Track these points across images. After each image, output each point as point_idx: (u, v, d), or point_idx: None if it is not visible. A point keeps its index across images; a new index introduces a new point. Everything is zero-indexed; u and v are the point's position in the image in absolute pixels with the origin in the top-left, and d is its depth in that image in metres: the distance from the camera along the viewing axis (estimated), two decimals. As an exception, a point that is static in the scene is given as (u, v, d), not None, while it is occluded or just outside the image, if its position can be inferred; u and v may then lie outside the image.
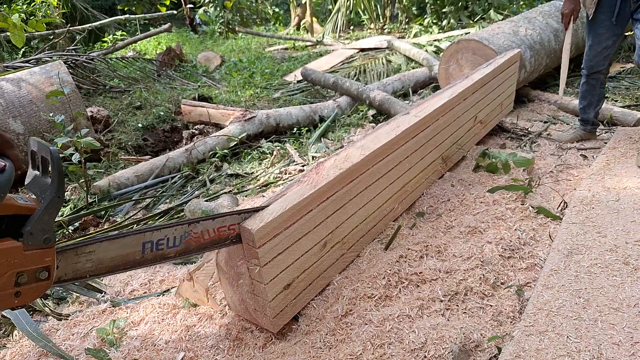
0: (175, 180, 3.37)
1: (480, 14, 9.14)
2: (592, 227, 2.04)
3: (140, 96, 5.42)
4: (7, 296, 1.03)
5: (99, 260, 1.23)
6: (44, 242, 1.04)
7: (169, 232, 1.35)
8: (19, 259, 1.01)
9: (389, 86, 5.01)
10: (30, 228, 1.02)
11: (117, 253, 1.26)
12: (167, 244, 1.35)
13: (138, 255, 1.30)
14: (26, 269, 1.03)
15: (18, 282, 1.03)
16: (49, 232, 1.05)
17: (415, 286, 1.84)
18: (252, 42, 10.50)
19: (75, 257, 1.19)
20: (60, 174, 1.02)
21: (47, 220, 1.03)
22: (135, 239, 1.29)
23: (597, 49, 2.96)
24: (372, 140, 2.12)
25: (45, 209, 1.02)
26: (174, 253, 1.39)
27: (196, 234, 1.41)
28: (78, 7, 9.46)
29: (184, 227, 1.38)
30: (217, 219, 1.45)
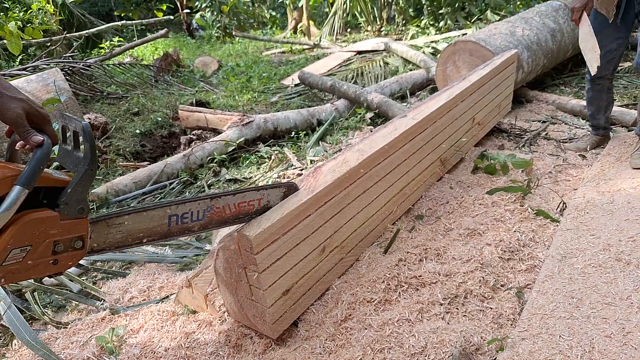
0: (173, 186, 3.37)
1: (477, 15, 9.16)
2: (586, 231, 2.03)
3: (138, 102, 5.42)
4: (45, 263, 1.08)
5: (128, 232, 1.28)
6: (78, 212, 1.09)
7: (192, 206, 1.40)
8: (55, 228, 1.06)
9: (387, 88, 5.01)
10: (66, 199, 1.06)
11: (146, 225, 1.31)
12: (191, 217, 1.41)
13: (164, 228, 1.36)
14: (62, 238, 1.09)
15: (55, 250, 1.08)
16: (83, 202, 1.09)
17: (415, 290, 1.83)
18: (249, 46, 10.52)
19: (106, 228, 1.24)
20: (93, 147, 1.06)
21: (81, 191, 1.08)
22: (162, 212, 1.34)
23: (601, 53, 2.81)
24: (369, 144, 2.12)
25: (79, 180, 1.07)
26: (198, 226, 1.44)
27: (218, 209, 1.46)
28: (75, 14, 9.48)
29: (206, 202, 1.43)
30: (238, 194, 1.51)
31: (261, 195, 1.58)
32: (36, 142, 1.04)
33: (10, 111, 1.03)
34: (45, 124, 1.09)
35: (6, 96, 1.03)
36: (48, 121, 1.11)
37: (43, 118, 1.09)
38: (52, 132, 1.10)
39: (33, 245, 1.04)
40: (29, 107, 1.06)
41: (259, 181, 3.34)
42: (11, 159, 1.15)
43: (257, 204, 1.57)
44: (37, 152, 1.03)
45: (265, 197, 1.60)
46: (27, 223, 1.02)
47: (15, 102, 1.04)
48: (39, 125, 1.08)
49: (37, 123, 1.08)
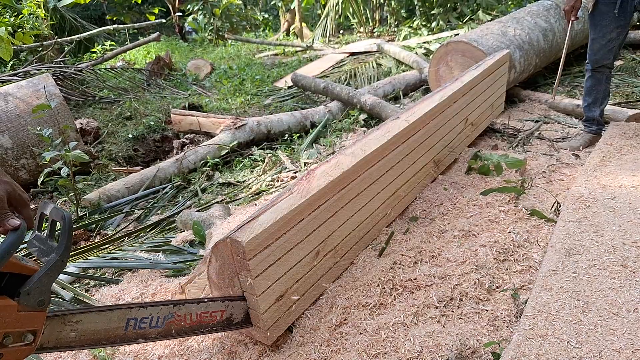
0: (166, 191, 3.34)
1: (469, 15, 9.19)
2: (589, 227, 2.02)
3: (130, 106, 5.39)
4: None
5: (82, 332, 1.22)
6: (38, 304, 1.03)
7: (154, 310, 1.36)
8: (10, 318, 0.99)
9: (380, 90, 5.01)
10: (29, 289, 1.01)
11: (102, 327, 1.25)
12: (150, 323, 1.35)
13: (120, 332, 1.30)
14: (14, 330, 1.01)
15: (3, 342, 1.00)
16: (46, 294, 1.04)
17: (410, 293, 1.82)
18: (242, 48, 10.49)
19: (61, 325, 1.17)
20: (69, 240, 1.04)
21: (46, 282, 1.03)
22: (121, 314, 1.29)
23: (601, 42, 2.89)
24: (362, 146, 2.10)
25: (47, 271, 1.02)
26: (155, 334, 1.38)
27: (179, 317, 1.41)
28: (67, 18, 9.42)
29: (168, 308, 1.39)
30: (202, 303, 1.46)
31: (224, 307, 1.53)
32: (12, 226, 1.01)
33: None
34: (23, 207, 1.07)
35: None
36: (27, 205, 1.08)
37: (23, 202, 1.07)
38: (29, 216, 1.07)
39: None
40: (12, 189, 1.05)
41: (253, 184, 3.32)
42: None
43: (219, 315, 1.52)
44: (10, 235, 0.99)
45: (228, 309, 1.54)
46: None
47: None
48: (17, 209, 1.06)
49: (16, 206, 1.06)
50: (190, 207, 3.08)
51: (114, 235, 2.74)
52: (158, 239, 2.65)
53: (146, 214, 3.07)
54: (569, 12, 2.96)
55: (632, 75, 4.66)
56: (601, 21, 2.83)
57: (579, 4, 2.93)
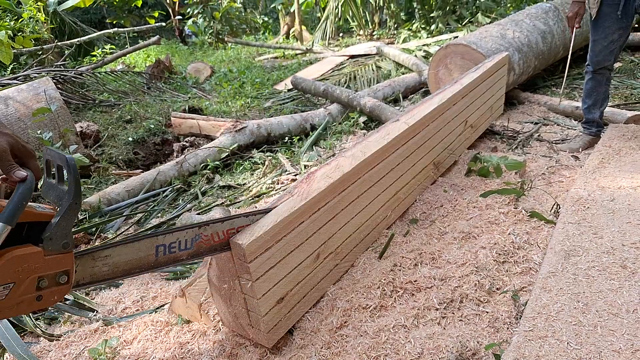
0: (166, 194, 3.34)
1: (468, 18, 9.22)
2: (588, 228, 2.03)
3: (130, 109, 5.40)
4: (29, 300, 1.07)
5: (114, 264, 1.26)
6: (62, 247, 1.08)
7: (180, 235, 1.38)
8: (39, 263, 1.05)
9: (380, 92, 5.02)
10: (50, 234, 1.06)
11: (132, 257, 1.29)
12: (179, 246, 1.39)
13: (152, 259, 1.34)
14: (46, 274, 1.07)
15: (39, 286, 1.07)
16: (68, 237, 1.09)
17: (410, 295, 1.82)
18: (241, 52, 10.51)
19: (92, 262, 1.22)
20: (77, 181, 1.06)
21: (65, 225, 1.07)
22: (149, 243, 1.32)
23: (603, 44, 2.90)
24: (362, 149, 2.11)
25: (63, 215, 1.06)
26: (186, 255, 1.42)
27: (206, 237, 1.44)
28: (67, 22, 9.44)
29: (194, 230, 1.41)
30: (226, 221, 1.48)
31: (250, 222, 1.56)
32: (19, 177, 1.02)
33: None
34: (29, 158, 1.08)
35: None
36: (32, 156, 1.10)
37: (28, 153, 1.08)
38: (36, 167, 1.09)
39: (16, 283, 1.02)
40: (14, 141, 1.06)
41: (253, 187, 3.32)
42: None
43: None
44: (19, 187, 1.01)
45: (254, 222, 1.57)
46: (10, 260, 1.00)
47: (1, 137, 1.04)
48: (23, 160, 1.07)
49: (21, 158, 1.07)
50: (191, 210, 3.08)
51: (115, 238, 2.74)
52: (158, 242, 2.65)
53: (146, 217, 3.07)
54: (573, 18, 2.97)
55: (631, 77, 4.67)
56: (604, 23, 2.84)
57: (582, 11, 2.93)
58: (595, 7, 2.82)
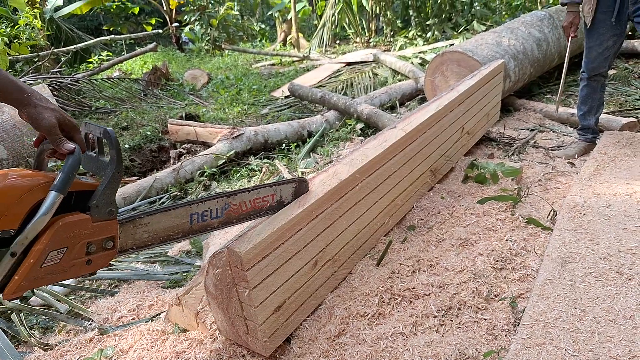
0: (163, 201, 3.33)
1: (463, 25, 9.28)
2: (584, 235, 2.03)
3: (127, 116, 5.39)
4: (80, 264, 1.13)
5: (154, 231, 1.33)
6: (108, 214, 1.14)
7: (211, 204, 1.45)
8: (88, 229, 1.11)
9: (376, 99, 5.03)
10: (96, 202, 1.12)
11: (169, 224, 1.36)
12: (211, 215, 1.46)
13: (187, 226, 1.41)
14: (95, 239, 1.14)
15: (88, 251, 1.13)
16: (112, 204, 1.15)
17: (409, 302, 1.82)
18: (238, 59, 10.54)
19: (133, 229, 1.28)
20: (118, 152, 1.13)
21: (110, 194, 1.14)
22: (184, 211, 1.39)
23: (598, 50, 2.91)
24: (359, 156, 2.11)
25: (107, 184, 1.13)
26: (217, 223, 1.49)
27: (235, 206, 1.52)
28: (63, 29, 9.45)
29: (224, 199, 1.49)
30: (252, 191, 1.58)
31: (274, 191, 1.66)
32: (68, 150, 1.09)
33: (45, 120, 1.09)
34: (74, 132, 1.15)
35: (41, 107, 1.10)
36: (77, 130, 1.17)
37: (73, 127, 1.15)
38: (81, 140, 1.16)
39: (69, 247, 1.09)
40: (61, 116, 1.13)
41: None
42: (39, 167, 1.19)
43: (270, 199, 1.65)
44: (69, 159, 1.08)
45: (278, 192, 1.67)
46: (63, 226, 1.07)
47: (49, 112, 1.10)
48: (69, 134, 1.14)
49: (67, 132, 1.14)
50: (187, 217, 3.06)
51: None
52: (154, 250, 2.64)
53: (143, 224, 3.05)
54: (568, 28, 2.98)
55: (625, 84, 4.71)
56: (598, 30, 2.86)
57: (577, 20, 2.95)
58: (590, 16, 2.84)
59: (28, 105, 1.09)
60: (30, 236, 1.02)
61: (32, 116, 1.09)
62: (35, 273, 1.05)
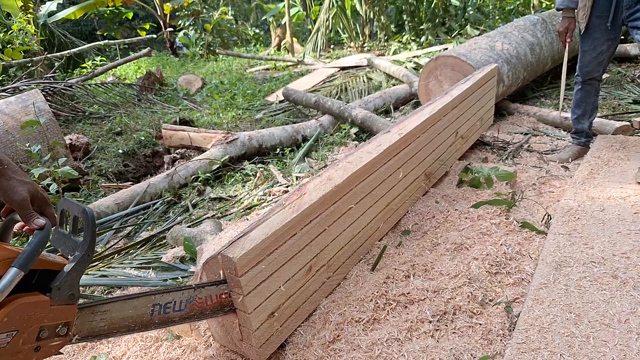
0: (157, 207, 3.31)
1: (457, 30, 9.34)
2: (578, 239, 2.04)
3: (121, 121, 5.37)
4: (29, 350, 1.05)
5: (111, 320, 1.27)
6: (69, 298, 1.08)
7: (176, 295, 1.42)
8: (45, 312, 1.04)
9: (371, 104, 5.04)
10: (59, 283, 1.06)
11: (129, 314, 1.31)
12: (174, 307, 1.41)
13: (147, 317, 1.35)
14: (49, 324, 1.07)
15: (40, 336, 1.06)
16: (75, 288, 1.09)
17: (404, 307, 1.81)
18: (233, 63, 10.53)
19: (91, 316, 1.22)
20: (93, 234, 1.09)
21: (75, 277, 1.08)
22: (146, 301, 1.34)
23: (592, 54, 2.92)
24: (354, 160, 2.11)
25: (74, 265, 1.07)
26: (179, 317, 1.44)
27: (200, 299, 1.46)
28: (56, 34, 9.42)
29: (190, 292, 1.45)
30: (221, 285, 1.51)
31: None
32: (38, 225, 1.06)
33: (16, 194, 1.06)
34: (45, 206, 1.12)
35: (15, 179, 1.07)
36: (49, 204, 1.13)
37: (45, 201, 1.12)
38: (52, 214, 1.13)
39: (19, 330, 1.01)
40: (34, 190, 1.10)
41: (245, 199, 3.30)
42: (3, 239, 1.13)
43: None
44: (37, 234, 1.04)
45: None
46: (19, 307, 1.00)
47: (22, 185, 1.07)
48: (40, 208, 1.11)
49: (39, 205, 1.11)
50: (181, 222, 3.05)
51: (104, 252, 2.70)
52: (148, 256, 2.62)
53: (136, 230, 3.04)
54: (564, 33, 2.99)
55: (619, 88, 4.74)
56: (593, 34, 2.87)
57: (573, 26, 2.96)
58: (585, 21, 2.85)
59: (2, 177, 1.05)
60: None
61: (5, 189, 1.05)
62: None
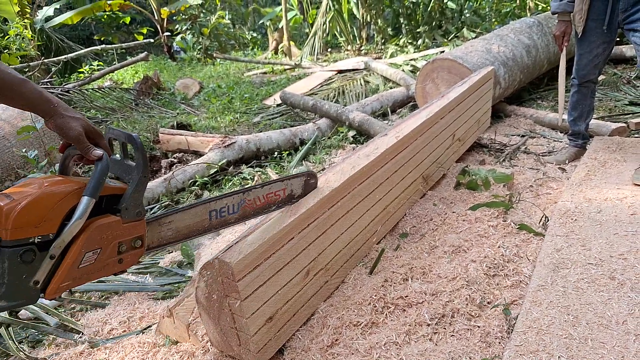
0: (154, 211, 3.30)
1: (453, 33, 9.37)
2: (576, 240, 2.04)
3: (118, 126, 5.36)
4: (113, 263, 1.20)
5: (177, 228, 1.39)
6: (136, 215, 1.20)
7: (228, 200, 1.53)
8: (119, 230, 1.17)
9: (368, 107, 5.05)
10: (126, 204, 1.17)
11: (191, 221, 1.43)
12: (228, 211, 1.53)
13: (206, 223, 1.47)
14: (125, 239, 1.20)
15: (120, 250, 1.20)
16: (140, 206, 1.20)
17: (402, 310, 1.81)
18: (230, 67, 10.54)
19: (159, 227, 1.35)
20: (144, 156, 1.18)
21: (138, 196, 1.19)
22: (203, 208, 1.45)
23: (588, 57, 2.93)
24: (351, 164, 2.11)
25: (135, 187, 1.18)
26: (234, 219, 1.56)
27: (250, 201, 1.60)
28: (53, 39, 9.41)
29: (239, 196, 1.56)
30: (265, 186, 1.66)
31: (285, 185, 1.74)
32: (97, 156, 1.14)
33: (72, 130, 1.15)
34: (99, 139, 1.21)
35: (67, 117, 1.16)
36: (102, 136, 1.23)
37: (98, 134, 1.21)
38: (105, 145, 1.22)
39: (102, 248, 1.15)
40: (87, 125, 1.18)
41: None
42: (64, 172, 1.25)
43: (282, 193, 1.73)
44: (98, 164, 1.13)
45: (288, 186, 1.75)
46: (96, 228, 1.12)
47: (75, 121, 1.16)
48: (94, 141, 1.19)
49: (93, 139, 1.19)
50: (179, 227, 3.04)
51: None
52: (146, 261, 2.61)
53: (134, 235, 3.02)
54: (560, 37, 3.00)
55: (615, 90, 4.76)
56: (589, 37, 2.88)
57: (569, 29, 2.96)
58: (581, 25, 2.85)
59: (55, 116, 1.15)
60: (67, 239, 1.07)
61: (60, 126, 1.15)
62: (73, 273, 1.11)
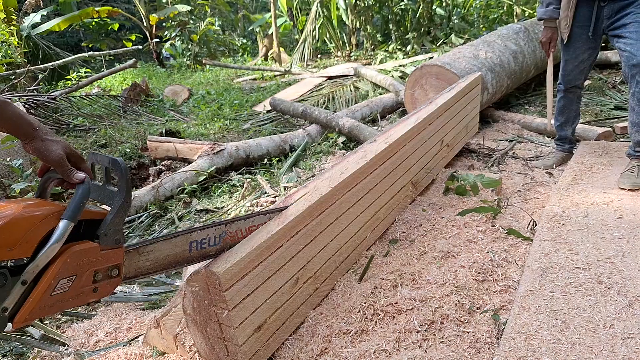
0: (142, 220, 3.27)
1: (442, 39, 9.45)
2: (563, 245, 2.05)
3: (106, 134, 5.31)
4: (87, 292, 1.16)
5: (155, 259, 1.37)
6: (115, 242, 1.18)
7: (209, 232, 1.51)
8: (96, 257, 1.15)
9: (358, 113, 5.06)
10: (105, 230, 1.15)
11: (170, 252, 1.41)
12: (209, 242, 1.52)
13: (186, 254, 1.46)
14: (101, 267, 1.17)
15: (95, 279, 1.17)
16: (120, 233, 1.19)
17: (391, 317, 1.80)
18: (220, 74, 10.53)
19: (137, 257, 1.32)
20: (128, 181, 1.17)
21: (118, 223, 1.17)
22: (184, 239, 1.44)
23: (574, 63, 2.96)
24: (340, 170, 2.10)
25: (116, 213, 1.16)
26: (215, 251, 1.54)
27: (232, 233, 1.58)
28: (40, 46, 9.33)
29: (221, 227, 1.55)
30: (248, 219, 1.65)
31: (268, 219, 1.71)
32: (79, 179, 1.14)
33: (53, 153, 1.14)
34: (81, 162, 1.20)
35: (48, 140, 1.14)
36: (83, 160, 1.21)
37: (79, 158, 1.20)
38: (87, 169, 1.21)
39: (77, 275, 1.12)
40: (68, 148, 1.18)
41: (232, 210, 3.28)
42: (42, 196, 1.22)
43: None
44: (79, 188, 1.12)
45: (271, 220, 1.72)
46: (73, 254, 1.10)
47: (56, 144, 1.15)
48: (76, 165, 1.18)
49: (75, 162, 1.18)
50: (168, 235, 3.01)
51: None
52: (134, 270, 2.58)
53: (122, 243, 2.99)
54: (547, 43, 3.02)
55: (600, 95, 4.82)
56: (575, 43, 2.90)
57: (556, 36, 2.99)
58: (567, 31, 2.88)
59: (35, 139, 1.13)
60: (41, 264, 1.04)
61: (40, 149, 1.13)
62: (45, 301, 1.07)
